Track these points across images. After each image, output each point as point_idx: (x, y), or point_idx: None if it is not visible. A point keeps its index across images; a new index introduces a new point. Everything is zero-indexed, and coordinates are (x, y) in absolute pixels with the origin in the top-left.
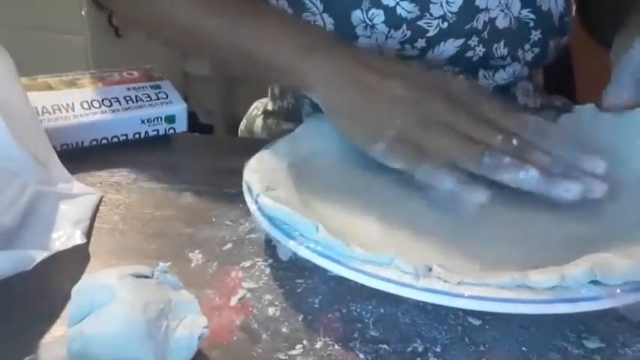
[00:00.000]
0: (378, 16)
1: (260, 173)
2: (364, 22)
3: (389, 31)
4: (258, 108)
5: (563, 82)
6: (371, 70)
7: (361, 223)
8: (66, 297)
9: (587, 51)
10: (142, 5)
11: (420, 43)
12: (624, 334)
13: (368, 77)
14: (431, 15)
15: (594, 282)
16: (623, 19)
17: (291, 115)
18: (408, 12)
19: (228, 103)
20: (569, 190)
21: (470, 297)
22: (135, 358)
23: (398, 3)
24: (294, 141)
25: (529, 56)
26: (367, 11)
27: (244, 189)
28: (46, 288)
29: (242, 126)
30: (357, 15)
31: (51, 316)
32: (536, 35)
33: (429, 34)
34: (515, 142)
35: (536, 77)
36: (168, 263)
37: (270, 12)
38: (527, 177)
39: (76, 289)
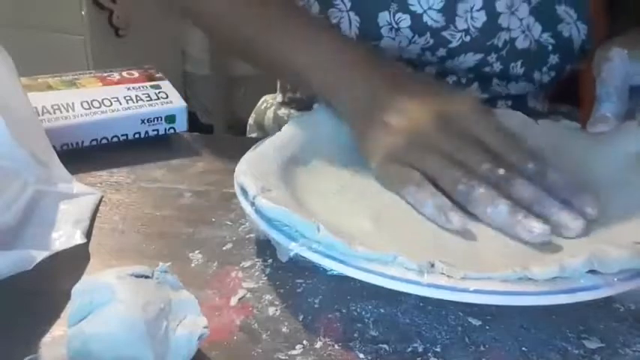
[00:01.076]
0: (405, 20)
1: (253, 175)
2: (390, 24)
3: (413, 37)
4: (267, 101)
5: (569, 90)
6: (378, 82)
7: (355, 221)
8: (66, 297)
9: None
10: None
11: (441, 52)
12: (624, 334)
13: (376, 89)
14: (455, 27)
15: (592, 272)
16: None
17: (304, 104)
18: (434, 21)
19: (228, 103)
20: (532, 231)
21: (475, 291)
22: (135, 357)
23: (425, 11)
24: (282, 141)
25: (545, 79)
26: (394, 14)
27: (237, 191)
28: (46, 288)
29: (251, 120)
30: (384, 16)
31: (51, 316)
32: (554, 59)
33: (451, 45)
34: (501, 171)
35: (546, 95)
36: (168, 263)
37: (312, 22)
38: (495, 213)
39: (76, 289)
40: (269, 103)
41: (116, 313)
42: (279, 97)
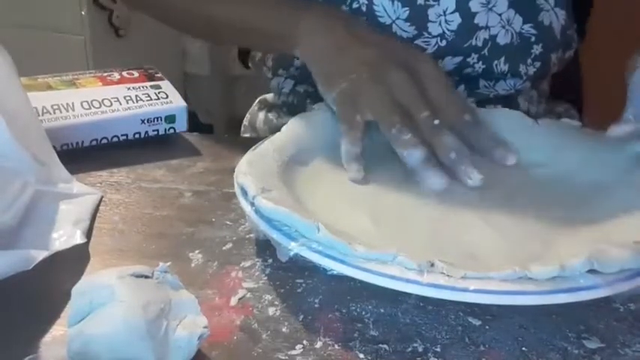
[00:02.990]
0: None
1: (253, 175)
2: None
3: None
4: (261, 102)
5: (571, 87)
6: (350, 31)
7: (355, 221)
8: (66, 297)
9: (596, 57)
10: None
11: None
12: (624, 334)
13: (346, 37)
14: (429, 34)
15: (592, 272)
16: None
17: (294, 110)
18: (404, 31)
19: (228, 103)
20: (432, 178)
21: (475, 291)
22: (135, 357)
23: (394, 21)
24: (282, 141)
25: (531, 70)
26: None
27: (237, 192)
28: (46, 288)
29: (245, 121)
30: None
31: (51, 316)
32: (537, 50)
33: (427, 52)
34: (436, 122)
35: (541, 86)
36: (168, 263)
37: None
38: (410, 156)
39: (76, 289)
40: (262, 105)
41: (116, 314)
42: (272, 98)
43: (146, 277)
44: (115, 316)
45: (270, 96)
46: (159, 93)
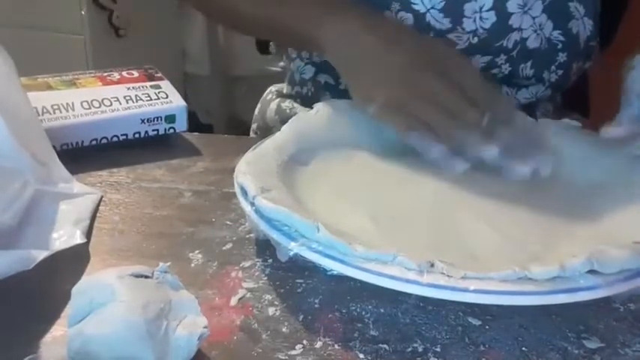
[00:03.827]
0: (407, 19)
1: (252, 175)
2: None
3: None
4: (272, 92)
5: (579, 99)
6: (376, 36)
7: (355, 220)
8: (66, 297)
9: (603, 69)
10: None
11: None
12: (624, 334)
13: (372, 43)
14: (463, 29)
15: (592, 272)
16: None
17: (308, 101)
18: (437, 21)
19: (228, 103)
20: (519, 171)
21: (475, 291)
22: (135, 357)
23: (428, 10)
24: (282, 141)
25: (553, 77)
26: (397, 13)
27: (237, 191)
28: (46, 288)
29: (256, 110)
30: (387, 16)
31: (51, 316)
32: (562, 57)
33: (458, 47)
34: (486, 119)
35: (556, 98)
36: (168, 263)
37: None
38: (488, 153)
39: (76, 289)
40: (274, 94)
41: (116, 314)
42: (285, 89)
43: (146, 277)
44: (114, 316)
45: (281, 85)
46: (159, 93)
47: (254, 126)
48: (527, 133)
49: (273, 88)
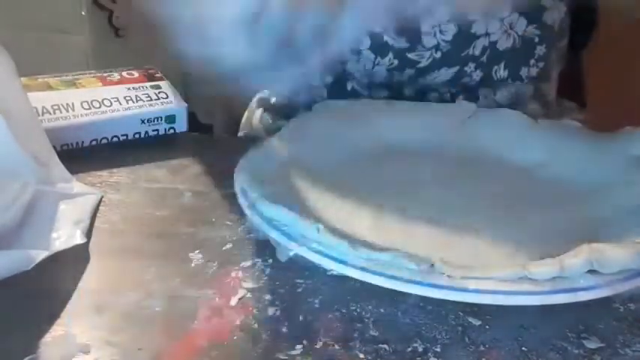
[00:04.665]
0: (364, 42)
1: (253, 175)
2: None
3: (375, 58)
4: (259, 101)
5: (574, 88)
6: None
7: (355, 220)
8: (66, 297)
9: (598, 54)
10: None
11: (409, 72)
12: (624, 334)
13: None
14: (423, 47)
15: (592, 272)
16: None
17: (289, 114)
18: (395, 40)
19: (228, 103)
20: None
21: (474, 291)
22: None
23: (385, 30)
24: (282, 141)
25: (533, 72)
26: None
27: (237, 191)
28: (46, 288)
29: (243, 118)
30: None
31: (51, 316)
32: (540, 50)
33: (420, 65)
34: None
35: (544, 95)
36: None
37: None
38: None
39: None
40: (260, 103)
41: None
42: (271, 99)
43: None
44: None
45: (268, 93)
46: (159, 93)
47: (241, 134)
48: None
49: (260, 95)
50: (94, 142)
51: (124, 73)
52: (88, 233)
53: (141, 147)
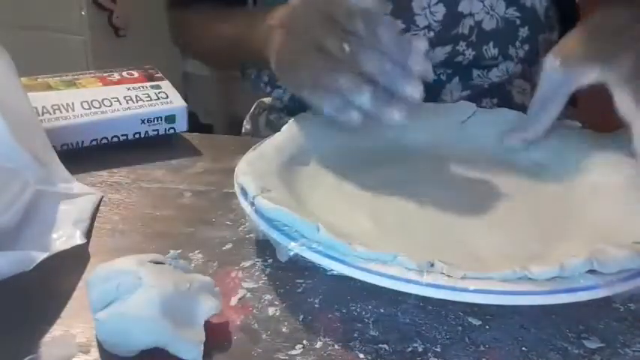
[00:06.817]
0: None
1: (253, 175)
2: None
3: None
4: (260, 106)
5: None
6: (285, 32)
7: (355, 220)
8: (66, 297)
9: None
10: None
11: None
12: (624, 334)
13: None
14: (417, 26)
15: (592, 272)
16: None
17: (296, 112)
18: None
19: (228, 103)
20: (393, 118)
21: (474, 291)
22: (170, 341)
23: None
24: (282, 141)
25: (521, 53)
26: None
27: (237, 192)
28: (46, 288)
29: (247, 124)
30: None
31: (51, 316)
32: (524, 32)
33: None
34: (346, 47)
35: (534, 76)
36: (179, 250)
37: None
38: (361, 99)
39: (96, 277)
40: (262, 108)
41: (151, 298)
42: (271, 102)
43: (161, 263)
44: (150, 300)
45: (268, 99)
46: (159, 93)
47: (246, 136)
48: (398, 44)
49: (260, 102)
50: (94, 142)
51: (124, 73)
52: (88, 233)
53: (141, 147)
